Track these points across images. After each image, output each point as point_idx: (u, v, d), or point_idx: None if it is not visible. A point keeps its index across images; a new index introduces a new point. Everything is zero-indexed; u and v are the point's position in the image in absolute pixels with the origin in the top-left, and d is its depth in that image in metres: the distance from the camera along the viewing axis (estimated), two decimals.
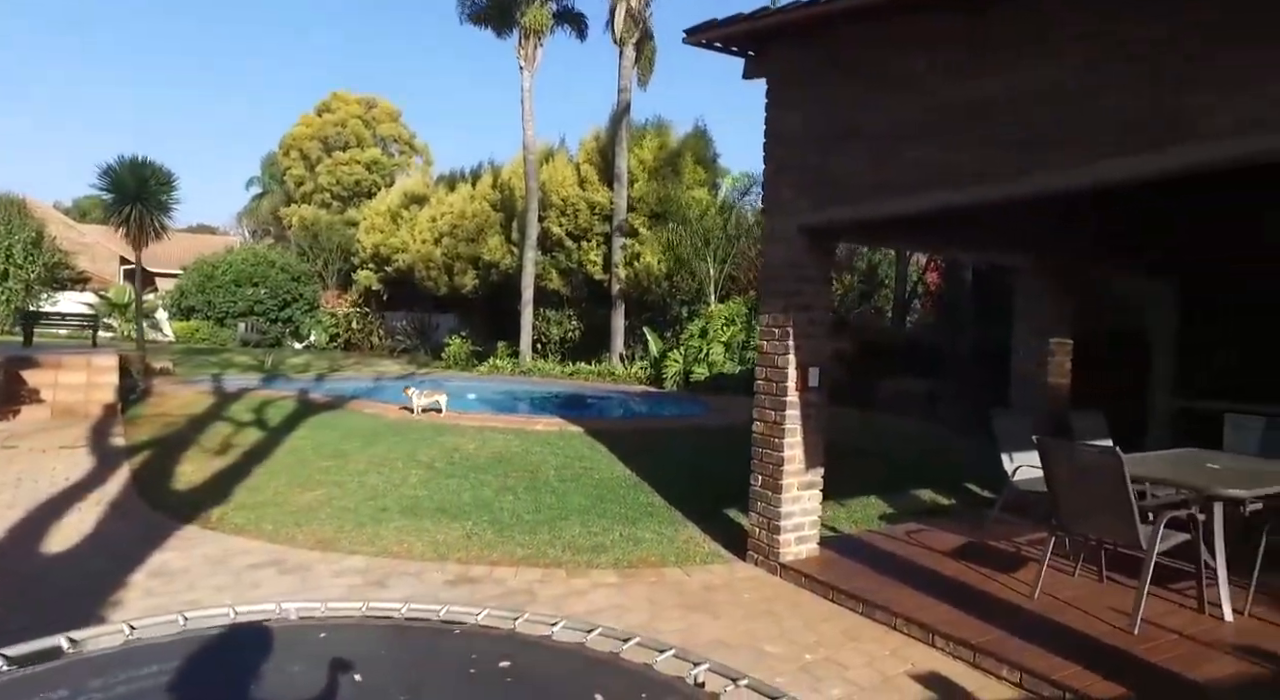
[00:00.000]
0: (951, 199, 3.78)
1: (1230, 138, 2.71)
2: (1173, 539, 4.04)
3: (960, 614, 4.01)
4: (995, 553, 5.19)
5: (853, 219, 4.43)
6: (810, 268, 4.89)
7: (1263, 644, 3.73)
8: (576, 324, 21.27)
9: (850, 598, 4.34)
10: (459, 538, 5.31)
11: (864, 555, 5.08)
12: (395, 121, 37.50)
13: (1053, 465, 4.17)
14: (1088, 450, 3.97)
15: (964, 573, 4.74)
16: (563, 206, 19.97)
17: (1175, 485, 4.28)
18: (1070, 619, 3.99)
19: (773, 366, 4.99)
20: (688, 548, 5.38)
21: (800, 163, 4.79)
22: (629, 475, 7.18)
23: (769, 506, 4.97)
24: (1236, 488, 3.98)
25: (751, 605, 4.37)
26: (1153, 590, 4.38)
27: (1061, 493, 4.19)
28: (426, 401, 9.40)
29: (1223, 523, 4.13)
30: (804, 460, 4.95)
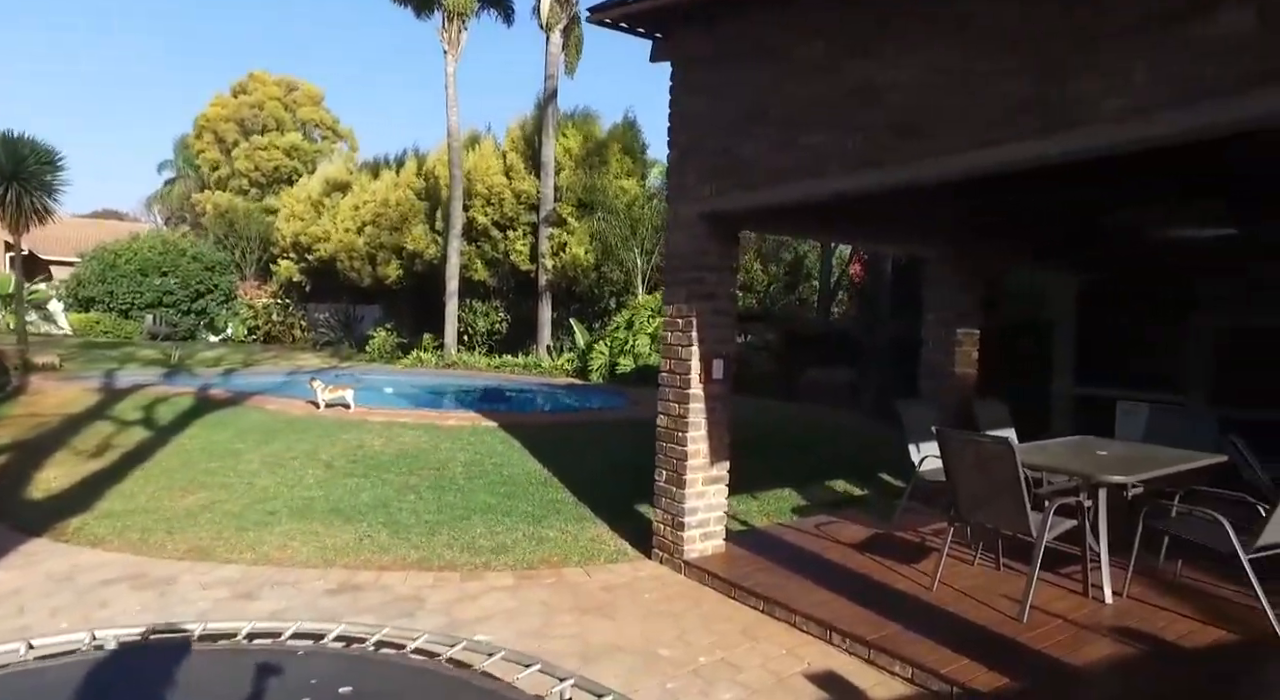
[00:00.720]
0: (845, 185, 3.69)
1: (1112, 125, 2.66)
2: (1062, 525, 4.08)
3: (859, 609, 3.95)
4: (901, 544, 5.20)
5: (754, 205, 4.31)
6: (713, 256, 4.76)
7: (1136, 625, 3.80)
8: (504, 316, 20.83)
9: (752, 595, 4.24)
10: (350, 541, 5.00)
11: (771, 550, 5.00)
12: (317, 106, 35.95)
13: (950, 455, 4.16)
14: (982, 440, 3.97)
15: (868, 565, 4.71)
16: (488, 195, 19.47)
17: (1063, 472, 4.34)
18: (965, 609, 3.98)
19: (676, 358, 4.84)
20: (593, 546, 5.20)
21: (704, 148, 4.64)
22: (541, 471, 6.96)
23: (673, 503, 4.84)
24: (1118, 474, 4.04)
25: (651, 606, 4.22)
26: (1045, 576, 4.45)
27: (959, 482, 4.18)
28: (332, 396, 8.94)
29: (1106, 508, 4.20)
30: (709, 455, 4.83)
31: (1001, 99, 3.00)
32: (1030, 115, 2.89)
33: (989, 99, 3.04)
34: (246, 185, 33.35)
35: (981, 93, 3.07)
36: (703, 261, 4.73)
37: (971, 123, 3.10)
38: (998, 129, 3.01)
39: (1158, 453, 4.87)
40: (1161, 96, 2.53)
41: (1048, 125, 2.83)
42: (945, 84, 3.21)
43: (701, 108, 4.67)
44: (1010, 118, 2.95)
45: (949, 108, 3.19)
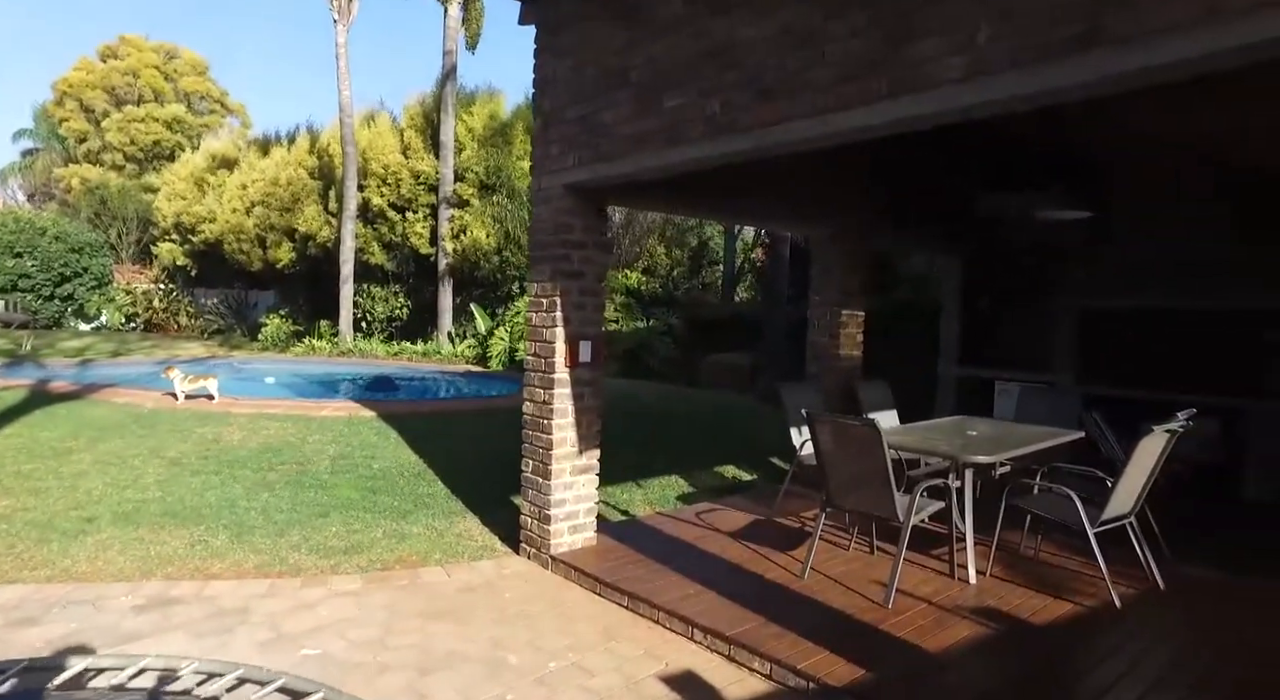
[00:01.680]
0: (705, 152, 3.46)
1: (957, 87, 2.51)
2: (930, 508, 4.03)
3: (726, 602, 3.78)
4: (779, 531, 5.09)
5: (616, 175, 4.04)
6: (579, 231, 4.47)
7: (995, 604, 3.79)
8: (404, 301, 19.99)
9: (617, 592, 4.00)
10: (180, 548, 4.48)
11: (647, 542, 4.79)
12: (202, 76, 33.46)
13: (819, 439, 4.03)
14: (849, 423, 3.86)
15: (742, 555, 4.56)
16: (384, 175, 18.53)
17: (930, 454, 4.30)
18: (833, 597, 3.87)
19: (541, 341, 4.54)
20: (459, 542, 4.86)
21: (566, 115, 4.33)
22: (416, 463, 6.54)
23: (539, 494, 4.55)
24: (983, 454, 4.01)
25: (509, 607, 3.93)
26: (915, 558, 4.42)
27: (828, 466, 4.07)
28: (193, 387, 8.19)
29: (972, 488, 4.19)
30: (577, 443, 4.56)
31: (851, 60, 2.82)
32: (878, 77, 2.71)
33: (839, 60, 2.85)
34: (121, 160, 30.73)
35: (832, 53, 2.88)
36: (568, 238, 4.44)
37: (823, 85, 2.91)
38: (848, 92, 2.83)
39: (1023, 431, 4.92)
40: (1005, 58, 2.39)
41: (895, 88, 2.67)
42: (798, 44, 3.01)
43: (564, 72, 4.36)
44: (859, 80, 2.78)
45: (802, 69, 2.99)
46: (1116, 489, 3.73)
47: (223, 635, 3.44)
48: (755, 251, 15.61)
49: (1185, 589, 4.07)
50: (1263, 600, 4.01)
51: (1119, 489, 3.74)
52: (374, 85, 62.77)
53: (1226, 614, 3.79)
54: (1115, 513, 3.86)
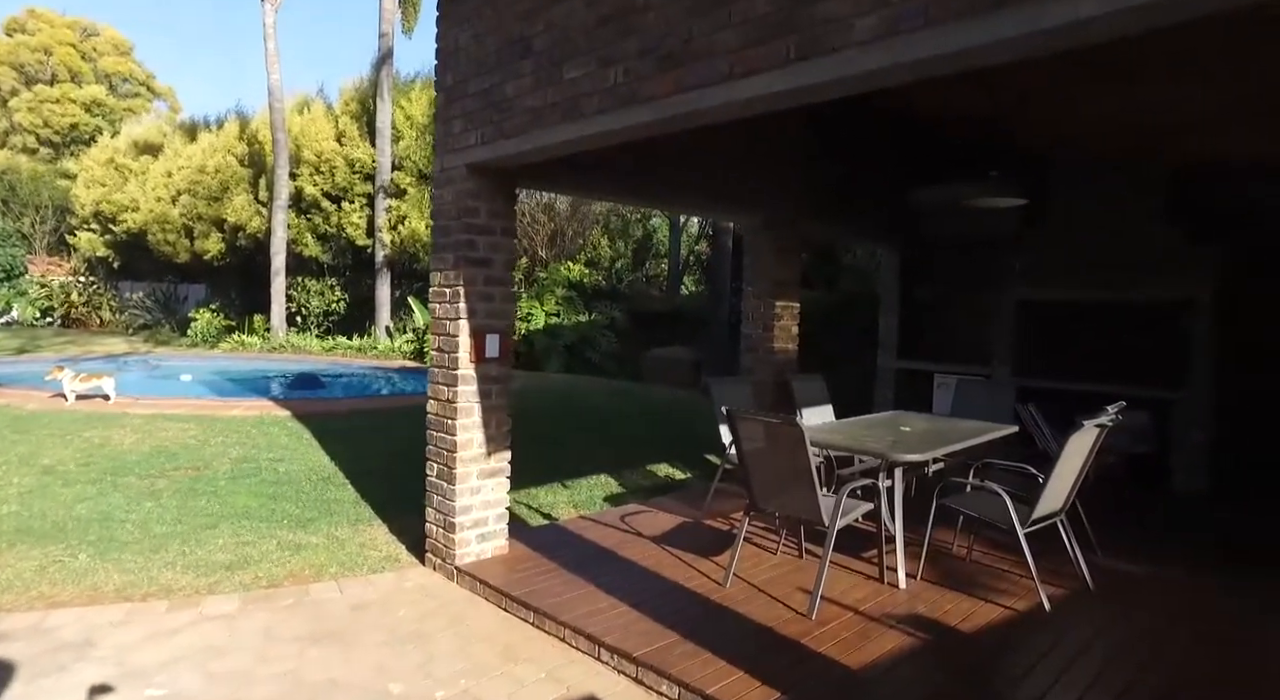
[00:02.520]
0: (609, 125, 3.14)
1: (865, 49, 2.24)
2: (857, 510, 3.81)
3: (639, 616, 3.49)
4: (706, 533, 4.83)
5: (519, 154, 3.69)
6: (484, 216, 4.11)
7: (924, 610, 3.58)
8: (341, 295, 19.24)
9: (523, 606, 3.68)
10: (27, 571, 3.98)
11: (564, 548, 4.47)
12: (125, 57, 31.73)
13: (741, 438, 3.77)
14: (771, 421, 3.60)
15: (664, 561, 4.28)
16: (318, 163, 17.75)
17: (858, 452, 4.08)
18: (755, 608, 3.61)
19: (444, 334, 4.18)
20: (362, 553, 4.47)
21: (468, 89, 3.97)
22: (327, 466, 6.09)
23: (444, 500, 4.19)
24: (914, 452, 3.80)
25: (403, 626, 3.57)
26: (845, 562, 4.21)
27: (751, 467, 3.81)
28: (85, 386, 7.55)
29: (902, 488, 3.98)
30: (484, 444, 4.21)
31: (757, 22, 2.53)
32: (786, 39, 2.43)
33: (745, 22, 2.56)
34: (34, 143, 28.92)
35: (738, 15, 2.59)
36: (473, 222, 4.08)
37: (729, 50, 2.62)
38: (755, 57, 2.54)
39: (957, 427, 4.76)
40: (918, 16, 2.13)
41: (804, 50, 2.39)
42: (702, 6, 2.71)
43: (466, 42, 3.99)
44: (767, 43, 2.49)
45: (706, 33, 2.70)
46: (1047, 487, 3.55)
47: (52, 676, 3.00)
48: (701, 244, 15.38)
49: (1113, 588, 3.94)
50: (1187, 598, 3.89)
51: (1049, 487, 3.57)
52: (310, 71, 60.48)
53: (1152, 614, 3.66)
54: (1046, 511, 3.69)
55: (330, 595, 3.90)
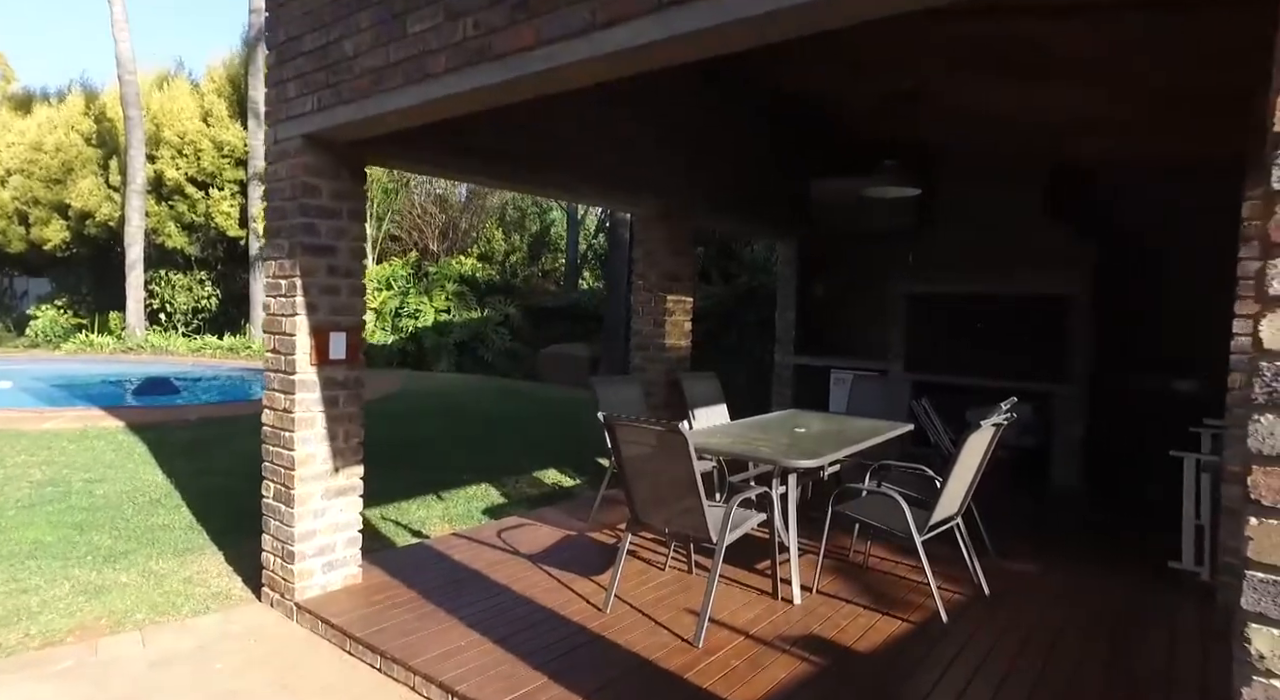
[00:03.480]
0: (458, 87, 2.67)
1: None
2: (750, 521, 3.49)
3: (504, 655, 3.04)
4: (590, 549, 4.43)
5: (364, 121, 3.16)
6: (327, 196, 3.54)
7: (821, 630, 3.31)
8: (212, 290, 17.71)
9: (369, 649, 3.16)
10: None
11: (429, 573, 3.96)
12: None
13: (620, 446, 3.38)
14: (650, 428, 3.23)
15: (540, 583, 3.84)
16: (180, 145, 16.19)
17: (747, 458, 3.78)
18: (637, 637, 3.24)
19: (280, 333, 3.58)
20: (185, 590, 3.80)
21: (305, 45, 3.39)
22: (160, 484, 5.30)
23: (282, 525, 3.60)
24: (808, 456, 3.53)
25: (215, 684, 2.97)
26: (737, 575, 3.91)
27: (631, 478, 3.43)
28: None
29: (797, 494, 3.71)
30: (330, 459, 3.64)
31: None
32: None
33: None
34: None
35: None
36: (312, 203, 3.50)
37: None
38: (620, 3, 2.14)
39: (853, 427, 4.56)
40: None
41: None
42: None
43: None
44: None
45: None
46: (944, 492, 3.36)
47: None
48: (599, 237, 14.99)
49: (1007, 591, 3.81)
50: (1074, 598, 3.81)
51: (946, 492, 3.37)
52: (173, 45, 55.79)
53: (1044, 617, 3.54)
54: (943, 516, 3.50)
55: (127, 650, 3.23)
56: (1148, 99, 4.34)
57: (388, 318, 12.88)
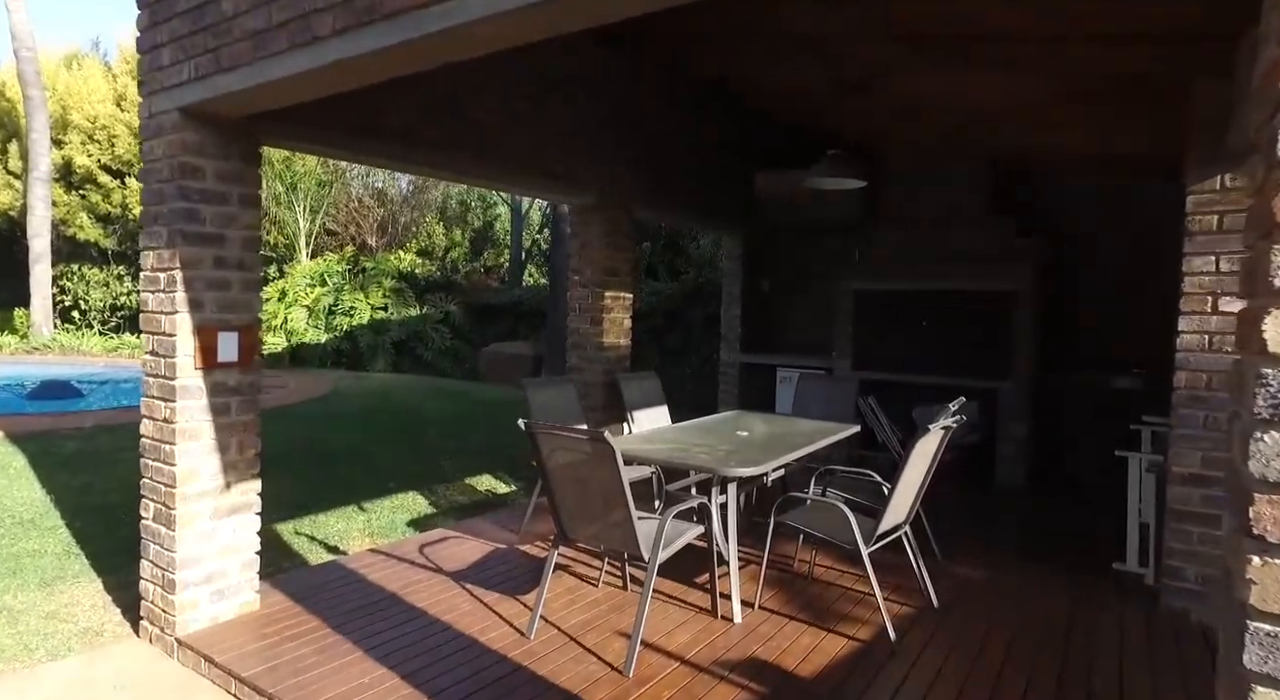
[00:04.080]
0: (346, 51, 2.33)
1: None
2: (686, 535, 3.23)
3: (411, 692, 2.72)
4: (520, 563, 4.11)
5: (247, 92, 2.78)
6: (212, 178, 3.14)
7: (762, 652, 3.07)
8: (132, 286, 16.66)
9: (257, 692, 2.79)
10: None
11: (337, 597, 3.59)
12: None
13: (543, 456, 3.08)
14: (574, 437, 2.94)
15: (462, 606, 3.52)
16: (92, 130, 15.18)
17: (683, 467, 3.53)
18: (563, 667, 2.94)
19: (158, 333, 3.17)
20: (45, 626, 3.35)
21: (180, 6, 2.98)
22: (38, 502, 4.77)
23: (163, 550, 3.19)
24: (747, 465, 3.28)
25: None
26: (673, 591, 3.65)
27: (556, 491, 3.13)
28: None
29: (737, 505, 3.47)
30: (220, 474, 3.24)
31: None
32: None
33: None
34: None
35: None
36: (193, 186, 3.10)
37: None
38: None
39: (798, 429, 4.35)
40: None
41: None
42: None
43: None
44: None
45: None
46: (891, 500, 3.15)
47: None
48: (545, 232, 14.58)
49: (957, 601, 3.65)
50: (1023, 603, 3.67)
51: (894, 500, 3.17)
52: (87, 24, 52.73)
53: (995, 627, 3.38)
54: (891, 524, 3.30)
55: None
56: (1090, 89, 4.23)
57: (321, 315, 12.26)
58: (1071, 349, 6.45)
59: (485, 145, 4.44)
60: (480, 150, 4.38)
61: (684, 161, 6.31)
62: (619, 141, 5.48)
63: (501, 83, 4.47)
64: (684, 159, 6.31)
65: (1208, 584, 3.46)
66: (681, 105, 6.23)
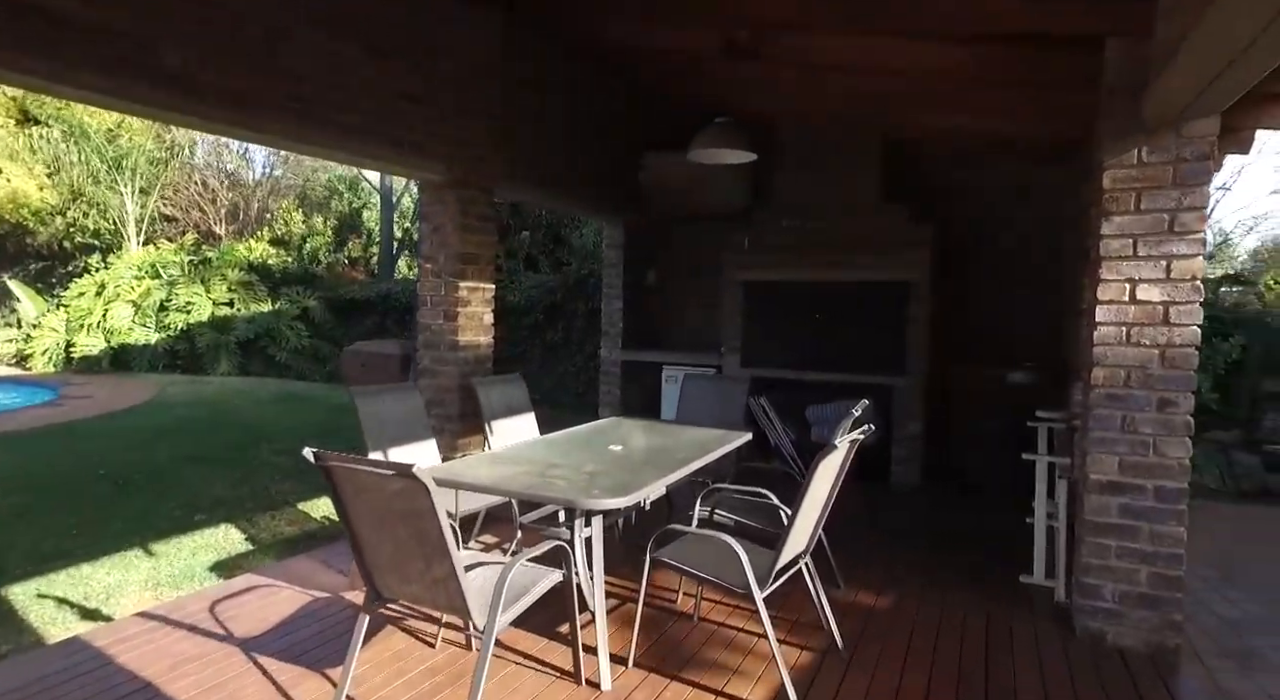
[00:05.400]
0: None
1: None
2: (536, 588, 2.54)
3: None
4: (343, 618, 3.28)
5: None
6: None
7: None
8: None
9: None
10: None
11: (59, 691, 2.65)
12: None
13: (341, 496, 2.30)
14: (374, 471, 2.18)
15: (246, 689, 2.67)
16: None
17: (532, 499, 2.84)
18: None
19: None
20: None
21: None
22: None
23: None
24: (615, 495, 2.62)
25: None
26: (527, 646, 2.96)
27: (362, 538, 2.36)
28: None
29: (603, 538, 2.81)
30: None
31: None
32: None
33: None
34: None
35: None
36: None
37: None
38: None
39: (682, 440, 3.75)
40: None
41: None
42: None
43: None
44: None
45: None
46: (792, 530, 2.58)
47: None
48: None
49: (862, 640, 3.15)
50: (934, 635, 3.23)
51: (795, 529, 2.60)
52: None
53: (905, 670, 2.89)
54: (790, 557, 2.74)
55: None
56: (995, 58, 3.85)
57: (150, 312, 10.65)
58: (964, 343, 6.23)
59: (306, 102, 3.56)
60: (299, 109, 3.50)
61: (560, 139, 5.62)
62: (479, 111, 4.71)
63: (331, 30, 3.62)
64: (560, 137, 5.61)
65: (1126, 602, 3.12)
66: (560, 77, 5.54)
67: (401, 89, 4.15)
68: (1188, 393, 3.02)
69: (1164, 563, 3.06)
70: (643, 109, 6.71)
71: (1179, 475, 3.03)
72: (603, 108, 6.16)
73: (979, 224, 6.16)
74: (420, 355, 4.82)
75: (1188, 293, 3.02)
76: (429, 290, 4.76)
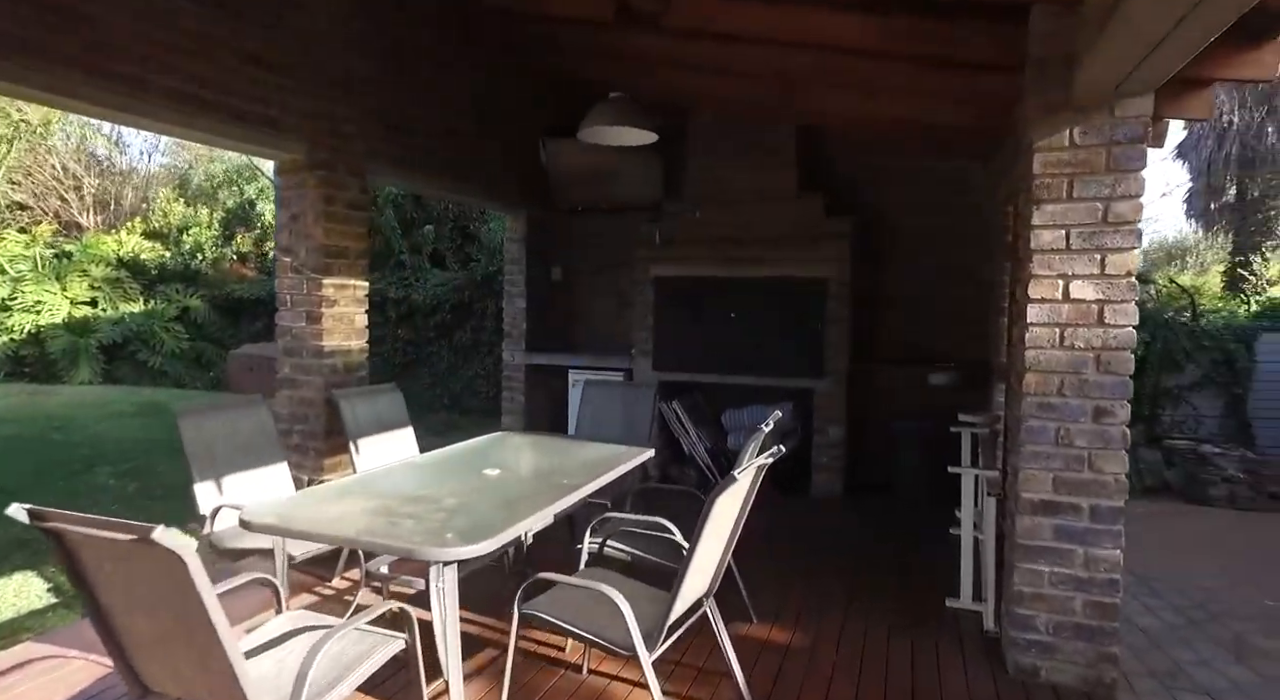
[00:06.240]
0: None
1: None
2: (368, 662, 2.00)
3: None
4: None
5: None
6: None
7: None
8: None
9: None
10: None
11: None
12: None
13: (76, 565, 1.71)
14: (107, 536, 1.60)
15: None
16: None
17: (365, 548, 2.30)
18: None
19: None
20: None
21: None
22: None
23: None
24: (471, 541, 2.10)
25: None
26: None
27: (111, 616, 1.77)
28: None
29: (457, 592, 2.28)
30: None
31: None
32: None
33: None
34: None
35: None
36: None
37: None
38: None
39: (574, 460, 3.26)
40: None
41: None
42: None
43: None
44: None
45: None
46: (686, 578, 2.13)
47: None
48: None
49: (777, 690, 2.73)
50: (858, 686, 2.85)
51: (689, 575, 2.15)
52: None
53: None
54: (686, 606, 2.29)
55: None
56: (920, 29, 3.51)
57: None
58: (886, 342, 5.96)
59: (104, 55, 2.89)
60: (97, 63, 2.83)
61: (451, 121, 5.04)
62: (348, 84, 4.10)
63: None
64: (451, 118, 5.04)
65: (1060, 634, 2.81)
66: (451, 54, 4.97)
67: (249, 51, 3.51)
68: (1124, 400, 2.73)
69: (1100, 589, 2.76)
70: (550, 95, 6.20)
71: (1115, 493, 2.74)
72: (504, 91, 5.62)
73: (900, 218, 5.90)
74: (280, 363, 4.17)
75: (1123, 290, 2.73)
76: (288, 288, 4.12)
